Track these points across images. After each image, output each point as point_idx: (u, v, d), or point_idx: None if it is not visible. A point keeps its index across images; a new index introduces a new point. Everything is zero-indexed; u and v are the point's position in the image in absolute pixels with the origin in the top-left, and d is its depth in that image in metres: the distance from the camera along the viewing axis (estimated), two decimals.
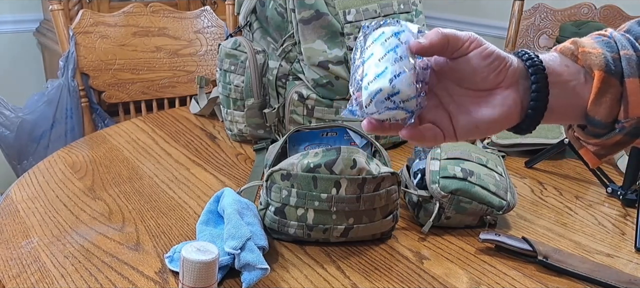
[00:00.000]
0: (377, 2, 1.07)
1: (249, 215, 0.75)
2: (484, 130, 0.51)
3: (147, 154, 1.09)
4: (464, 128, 0.51)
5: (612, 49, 0.49)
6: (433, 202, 0.82)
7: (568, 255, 0.76)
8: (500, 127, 0.51)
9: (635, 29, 0.51)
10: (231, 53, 1.12)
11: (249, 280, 0.66)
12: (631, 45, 0.49)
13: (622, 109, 0.48)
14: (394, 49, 0.49)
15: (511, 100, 0.50)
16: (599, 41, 0.50)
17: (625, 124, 0.48)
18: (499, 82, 0.50)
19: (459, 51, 0.50)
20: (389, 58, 0.48)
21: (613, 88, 0.48)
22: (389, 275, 0.73)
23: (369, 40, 0.51)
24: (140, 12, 1.69)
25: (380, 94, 0.48)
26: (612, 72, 0.48)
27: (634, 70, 0.48)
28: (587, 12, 1.77)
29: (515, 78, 0.50)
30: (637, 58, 0.48)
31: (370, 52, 0.50)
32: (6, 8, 2.30)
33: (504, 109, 0.50)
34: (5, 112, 1.55)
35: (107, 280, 0.69)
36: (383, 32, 0.50)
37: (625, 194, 0.96)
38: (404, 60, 0.48)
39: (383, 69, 0.48)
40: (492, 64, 0.49)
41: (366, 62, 0.50)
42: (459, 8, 2.66)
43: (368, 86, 0.48)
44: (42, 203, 0.88)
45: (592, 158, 0.52)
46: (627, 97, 0.48)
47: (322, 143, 0.92)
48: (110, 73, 1.64)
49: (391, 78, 0.47)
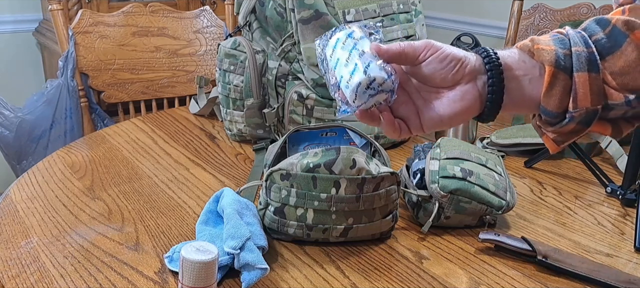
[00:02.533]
0: (377, 2, 1.07)
1: (249, 215, 0.75)
2: (448, 122, 0.57)
3: (147, 154, 1.09)
4: (430, 121, 0.57)
5: (565, 45, 0.54)
6: (432, 201, 0.82)
7: (567, 254, 0.76)
8: (462, 119, 0.57)
9: (591, 27, 0.55)
10: (230, 53, 1.12)
11: (249, 280, 0.66)
12: (583, 42, 0.53)
13: (571, 100, 0.53)
14: (354, 47, 0.56)
15: (470, 94, 0.56)
16: (554, 38, 0.55)
17: (575, 114, 0.53)
18: (458, 80, 0.56)
19: (417, 60, 0.56)
20: (353, 56, 0.56)
21: (562, 82, 0.53)
22: (388, 275, 0.73)
23: (328, 49, 0.59)
24: (140, 12, 1.69)
25: (360, 86, 0.54)
26: (561, 66, 0.53)
27: (582, 65, 0.52)
28: (587, 12, 1.77)
29: (474, 74, 0.56)
30: (587, 54, 0.53)
31: (335, 58, 0.57)
32: (5, 8, 2.30)
33: (464, 103, 0.56)
34: (5, 112, 1.55)
35: (106, 280, 0.69)
36: (338, 38, 0.58)
37: (624, 194, 0.96)
38: (367, 53, 0.56)
39: (353, 66, 0.55)
40: (449, 65, 0.55)
41: (336, 67, 0.57)
42: (459, 8, 2.66)
43: (348, 85, 0.55)
44: (41, 203, 0.88)
45: (552, 145, 0.58)
46: (576, 90, 0.53)
47: (321, 143, 0.92)
48: (110, 73, 1.63)
49: (364, 70, 0.54)
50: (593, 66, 0.52)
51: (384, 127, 0.58)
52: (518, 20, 1.84)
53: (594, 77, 0.52)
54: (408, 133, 0.59)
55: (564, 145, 0.57)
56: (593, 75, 0.52)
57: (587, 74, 0.52)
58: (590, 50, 0.53)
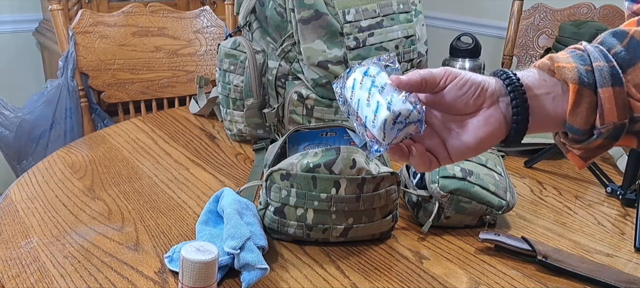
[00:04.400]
0: (377, 2, 1.07)
1: (249, 215, 0.75)
2: (475, 149, 0.56)
3: (147, 154, 1.09)
4: (457, 150, 0.56)
5: (585, 61, 0.53)
6: (432, 201, 0.82)
7: (567, 254, 0.76)
8: (489, 143, 0.55)
9: (608, 40, 0.54)
10: (230, 53, 1.12)
11: (249, 280, 0.66)
12: (603, 56, 0.52)
13: (598, 117, 0.52)
14: (372, 85, 0.55)
15: (494, 118, 0.54)
16: (573, 55, 0.54)
17: (602, 130, 0.52)
18: (480, 104, 0.55)
19: (437, 87, 0.55)
20: (373, 94, 0.55)
21: (588, 98, 0.52)
22: (388, 275, 0.73)
23: (348, 92, 0.58)
24: (140, 12, 1.69)
25: (386, 123, 0.53)
26: (585, 83, 0.52)
27: (606, 80, 0.51)
28: (587, 11, 1.77)
29: (495, 97, 0.55)
30: (609, 69, 0.52)
31: (356, 99, 0.57)
32: (5, 8, 2.30)
33: (489, 127, 0.54)
34: (5, 112, 1.55)
35: (106, 280, 0.69)
36: (354, 79, 0.57)
37: (624, 194, 0.96)
38: (386, 88, 0.55)
39: (376, 104, 0.54)
40: (469, 91, 0.54)
41: (359, 108, 0.56)
42: (459, 8, 2.66)
43: (374, 124, 0.54)
44: (41, 203, 0.88)
45: (579, 162, 0.56)
46: (602, 106, 0.51)
47: (321, 143, 0.92)
48: (110, 73, 1.63)
49: (387, 106, 0.53)
50: (616, 80, 0.51)
51: (416, 160, 0.56)
52: (518, 20, 1.84)
53: (618, 91, 0.51)
54: (437, 165, 0.57)
55: (590, 161, 0.56)
56: (617, 89, 0.51)
57: (611, 89, 0.51)
58: (611, 65, 0.52)
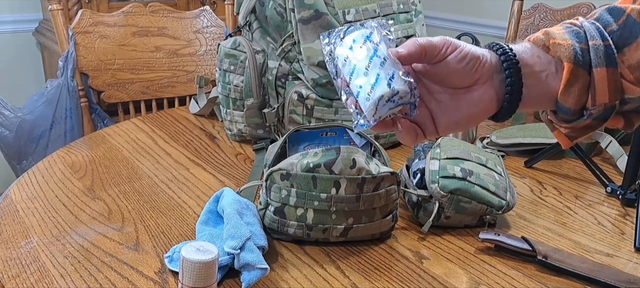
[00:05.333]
0: (377, 2, 1.07)
1: (249, 215, 0.75)
2: (464, 124, 0.55)
3: (147, 154, 1.09)
4: (446, 124, 0.55)
5: (581, 39, 0.51)
6: (432, 201, 0.82)
7: (567, 254, 0.76)
8: (478, 120, 0.55)
9: (604, 17, 0.53)
10: (230, 53, 1.12)
11: (249, 280, 0.66)
12: (599, 34, 0.51)
13: (590, 97, 0.51)
14: (374, 54, 0.51)
15: (487, 95, 0.53)
16: (569, 31, 0.53)
17: (593, 111, 0.52)
18: (475, 80, 0.53)
19: (436, 57, 0.53)
20: (374, 64, 0.51)
21: (581, 78, 0.51)
22: (388, 275, 0.73)
23: (342, 50, 0.53)
24: (140, 12, 1.69)
25: (382, 99, 0.50)
26: (580, 63, 0.51)
27: (601, 60, 0.50)
28: (587, 11, 1.77)
29: (490, 73, 0.53)
30: (604, 47, 0.51)
31: (351, 64, 0.52)
32: (5, 8, 2.30)
33: (481, 105, 0.54)
34: (5, 112, 1.55)
35: (106, 280, 0.69)
36: (353, 40, 0.53)
37: (624, 194, 0.96)
38: (389, 61, 0.51)
39: (375, 77, 0.51)
40: (468, 64, 0.52)
41: (353, 74, 0.52)
42: (458, 8, 2.66)
43: (368, 97, 0.51)
44: (41, 203, 0.88)
45: (564, 140, 0.56)
46: (595, 87, 0.51)
47: (321, 143, 0.92)
48: (110, 73, 1.63)
49: (388, 82, 0.50)
50: (611, 61, 0.50)
51: (402, 134, 0.55)
52: (518, 20, 1.84)
53: (612, 72, 0.50)
54: (423, 138, 0.56)
55: (576, 141, 0.56)
56: (611, 70, 0.50)
57: (605, 69, 0.50)
58: (607, 43, 0.50)
